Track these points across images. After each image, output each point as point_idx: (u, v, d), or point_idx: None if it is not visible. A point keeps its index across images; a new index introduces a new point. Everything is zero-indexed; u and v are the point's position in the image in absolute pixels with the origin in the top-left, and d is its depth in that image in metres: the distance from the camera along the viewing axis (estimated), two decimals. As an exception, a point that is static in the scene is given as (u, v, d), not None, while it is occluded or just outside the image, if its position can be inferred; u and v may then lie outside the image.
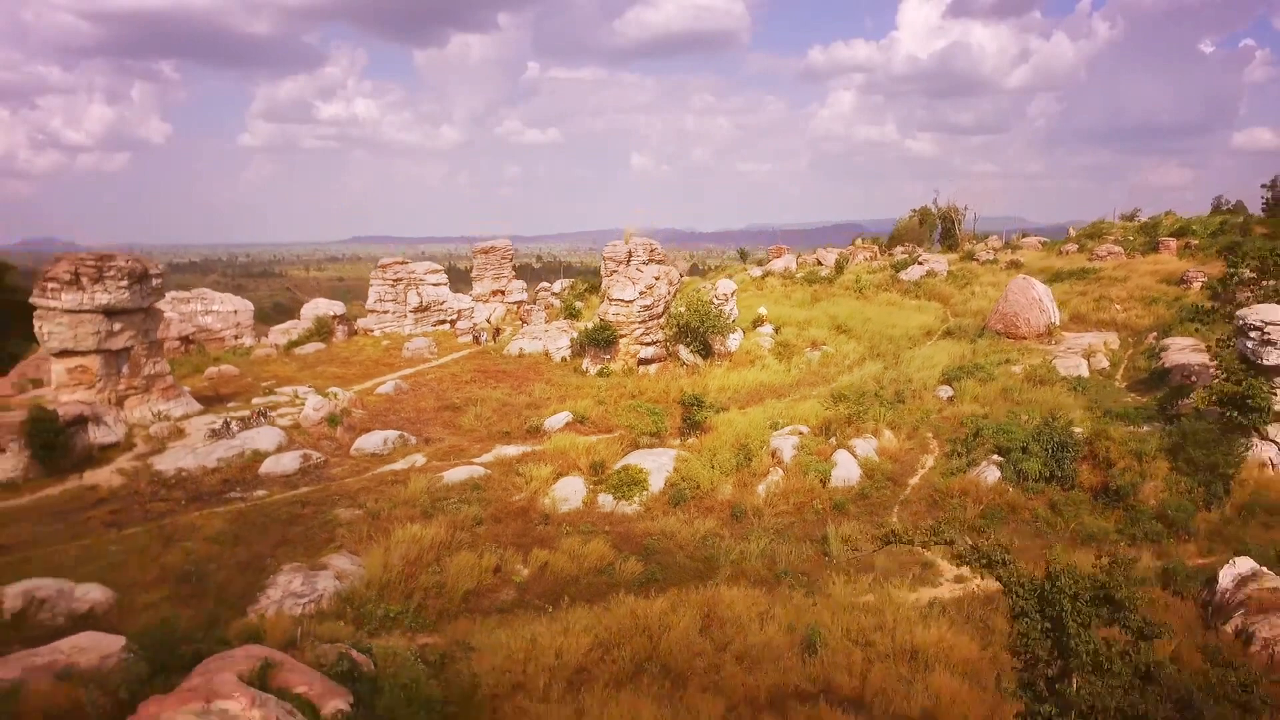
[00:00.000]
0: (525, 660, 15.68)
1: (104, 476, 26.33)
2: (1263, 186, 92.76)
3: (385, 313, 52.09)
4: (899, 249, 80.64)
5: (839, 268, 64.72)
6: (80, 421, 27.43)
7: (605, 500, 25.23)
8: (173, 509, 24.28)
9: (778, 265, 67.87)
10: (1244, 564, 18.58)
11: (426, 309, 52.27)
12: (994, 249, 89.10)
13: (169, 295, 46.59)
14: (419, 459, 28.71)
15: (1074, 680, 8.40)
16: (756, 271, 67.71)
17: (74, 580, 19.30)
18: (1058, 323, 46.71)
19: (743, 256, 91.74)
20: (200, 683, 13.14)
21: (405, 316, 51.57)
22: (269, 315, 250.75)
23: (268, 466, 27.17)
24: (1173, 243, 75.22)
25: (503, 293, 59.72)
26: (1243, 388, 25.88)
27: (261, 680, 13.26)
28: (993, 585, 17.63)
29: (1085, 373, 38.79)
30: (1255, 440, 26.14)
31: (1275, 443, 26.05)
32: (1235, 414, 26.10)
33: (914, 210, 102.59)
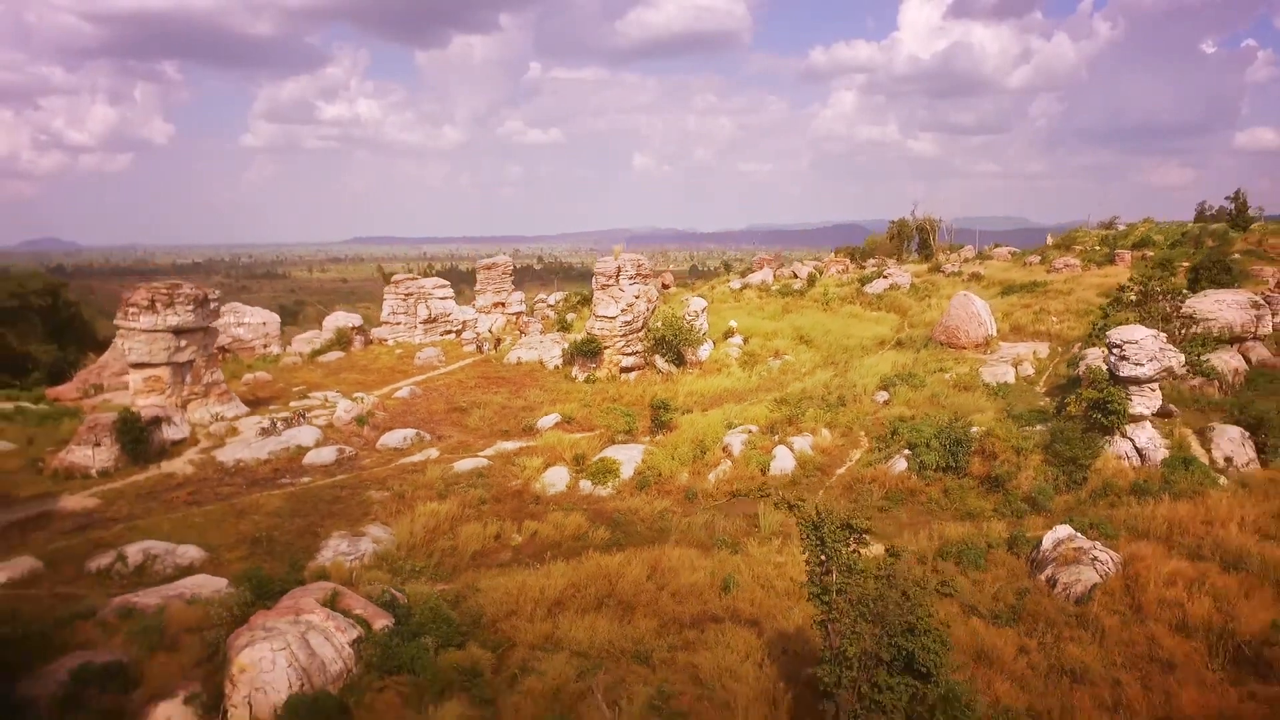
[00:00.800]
0: (517, 596, 21.58)
1: (178, 466, 32.33)
2: (1227, 199, 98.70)
3: (398, 324, 58.06)
4: (871, 261, 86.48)
5: (810, 281, 70.69)
6: (155, 422, 33.42)
7: (585, 485, 31.19)
8: (237, 491, 30.27)
9: (755, 278, 73.86)
10: (1062, 530, 24.44)
11: (435, 321, 58.27)
12: (964, 260, 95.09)
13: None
14: (433, 453, 34.71)
15: (834, 574, 14.23)
16: (736, 284, 73.73)
17: (174, 543, 25.33)
18: (995, 334, 52.61)
19: (727, 268, 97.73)
20: (290, 603, 19.40)
21: (416, 328, 57.58)
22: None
23: (309, 458, 33.18)
24: (1128, 255, 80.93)
25: (503, 305, 65.69)
26: (1104, 394, 31.82)
27: (331, 603, 19.47)
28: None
29: (1011, 379, 44.63)
30: (1116, 438, 32.06)
31: (1131, 440, 31.96)
32: (1099, 416, 32.04)
33: (893, 221, 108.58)
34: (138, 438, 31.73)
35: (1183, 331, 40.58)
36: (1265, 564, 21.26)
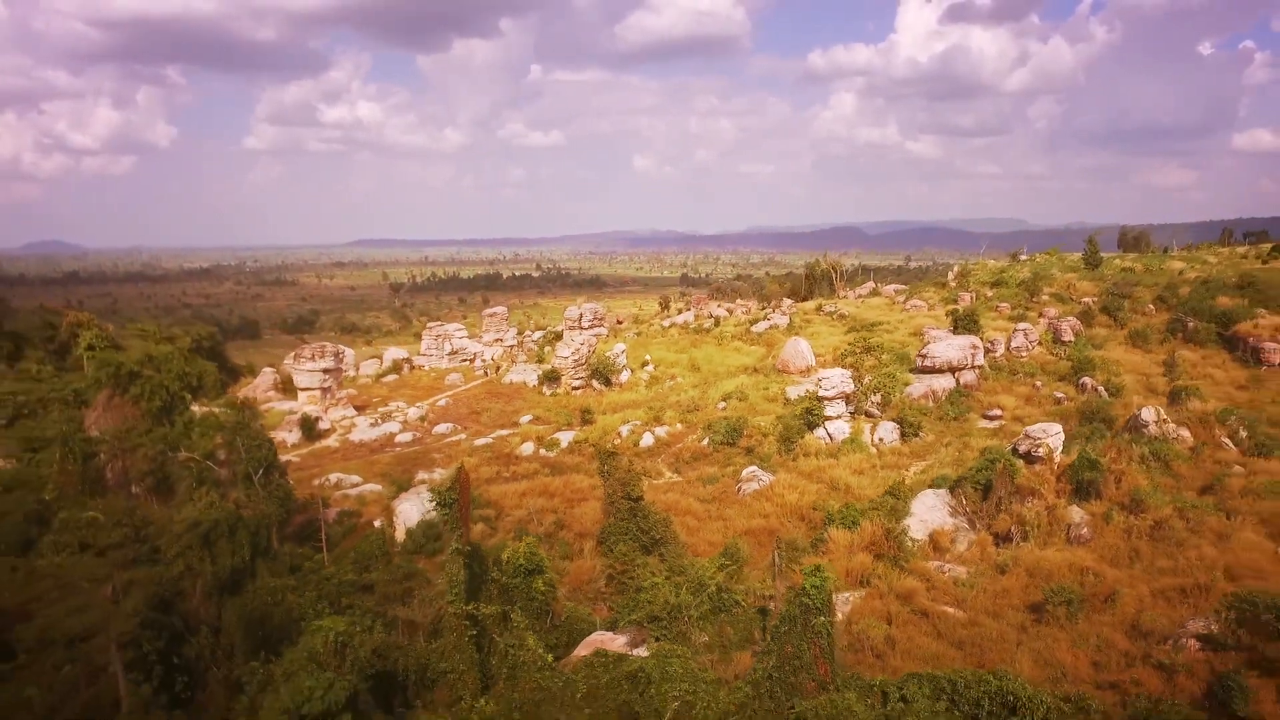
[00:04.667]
0: (506, 492, 51.30)
1: (330, 443, 62.00)
2: (1087, 242, 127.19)
3: (430, 355, 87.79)
4: (772, 302, 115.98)
5: (717, 321, 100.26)
6: (314, 419, 63.08)
7: (543, 451, 60.83)
8: (365, 455, 59.83)
9: (680, 319, 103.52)
10: (747, 470, 54.07)
11: (456, 353, 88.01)
12: (859, 297, 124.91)
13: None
14: (463, 436, 64.43)
15: (610, 482, 43.65)
16: (666, 323, 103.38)
17: (345, 474, 54.99)
18: (815, 364, 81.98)
19: (664, 306, 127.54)
20: (408, 493, 49.46)
21: (443, 358, 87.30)
22: (294, 327, 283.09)
23: (399, 439, 62.86)
24: (969, 296, 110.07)
25: (501, 340, 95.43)
26: (810, 405, 61.51)
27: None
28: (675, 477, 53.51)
29: (818, 389, 73.96)
30: (819, 428, 61.68)
31: (826, 429, 61.54)
32: (810, 416, 61.65)
33: (806, 264, 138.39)
34: (310, 428, 61.40)
35: (882, 370, 70.23)
36: (835, 482, 51.12)
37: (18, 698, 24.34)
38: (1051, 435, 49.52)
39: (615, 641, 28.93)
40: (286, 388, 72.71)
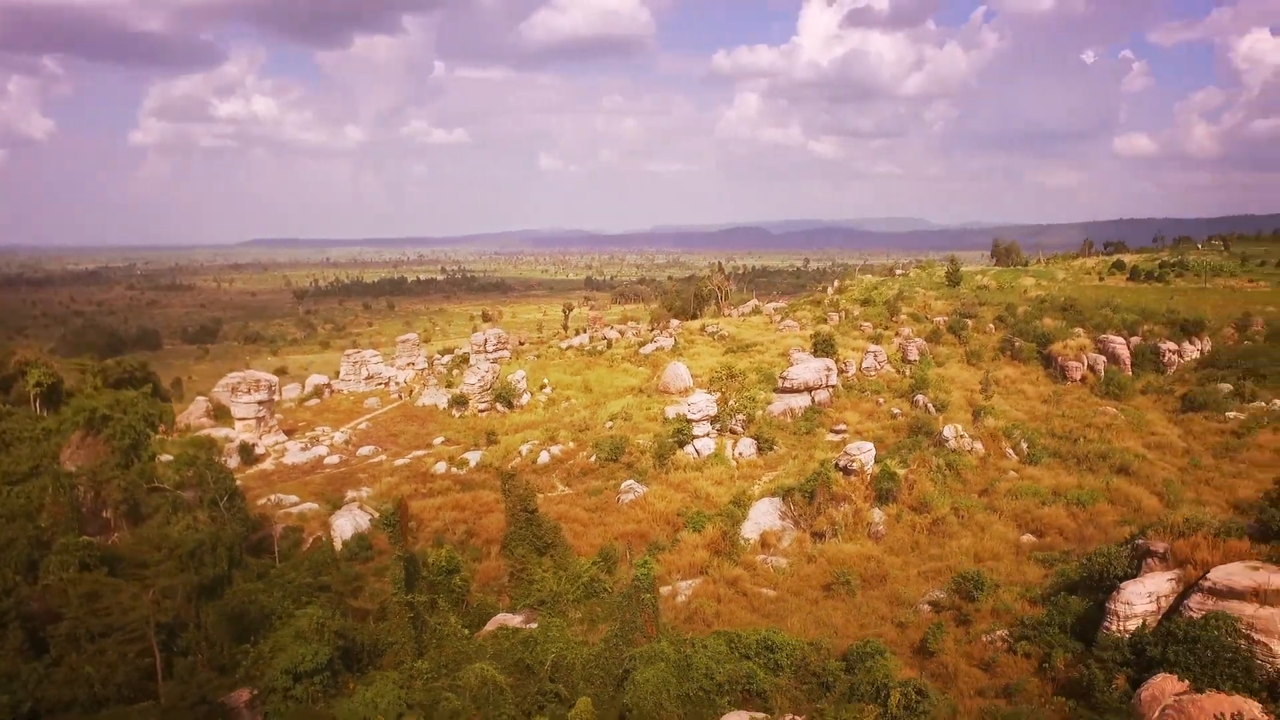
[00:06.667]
0: (422, 506, 61.52)
1: (267, 466, 70.98)
2: (948, 260, 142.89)
3: (349, 380, 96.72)
4: (659, 324, 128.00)
5: (609, 344, 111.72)
6: (251, 445, 71.88)
7: (454, 470, 71.10)
8: (298, 476, 69.08)
9: (576, 341, 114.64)
10: (625, 484, 65.59)
11: (372, 377, 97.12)
12: (741, 315, 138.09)
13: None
14: (383, 457, 74.17)
15: (510, 496, 54.34)
16: (564, 344, 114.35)
17: (284, 494, 64.29)
18: (692, 385, 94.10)
19: (565, 326, 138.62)
20: (343, 508, 59.59)
21: (361, 382, 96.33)
22: (195, 337, 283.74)
23: (327, 461, 72.24)
24: (836, 316, 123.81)
25: (413, 364, 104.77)
26: (680, 425, 73.38)
27: (358, 507, 59.74)
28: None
29: (686, 411, 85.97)
30: (689, 445, 73.56)
31: (694, 446, 73.45)
32: (681, 434, 73.48)
33: (697, 278, 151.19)
34: (248, 453, 70.26)
35: (745, 393, 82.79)
36: (698, 492, 63.05)
37: (78, 674, 33.85)
38: (864, 453, 62.49)
39: (513, 620, 39.90)
40: (218, 414, 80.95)
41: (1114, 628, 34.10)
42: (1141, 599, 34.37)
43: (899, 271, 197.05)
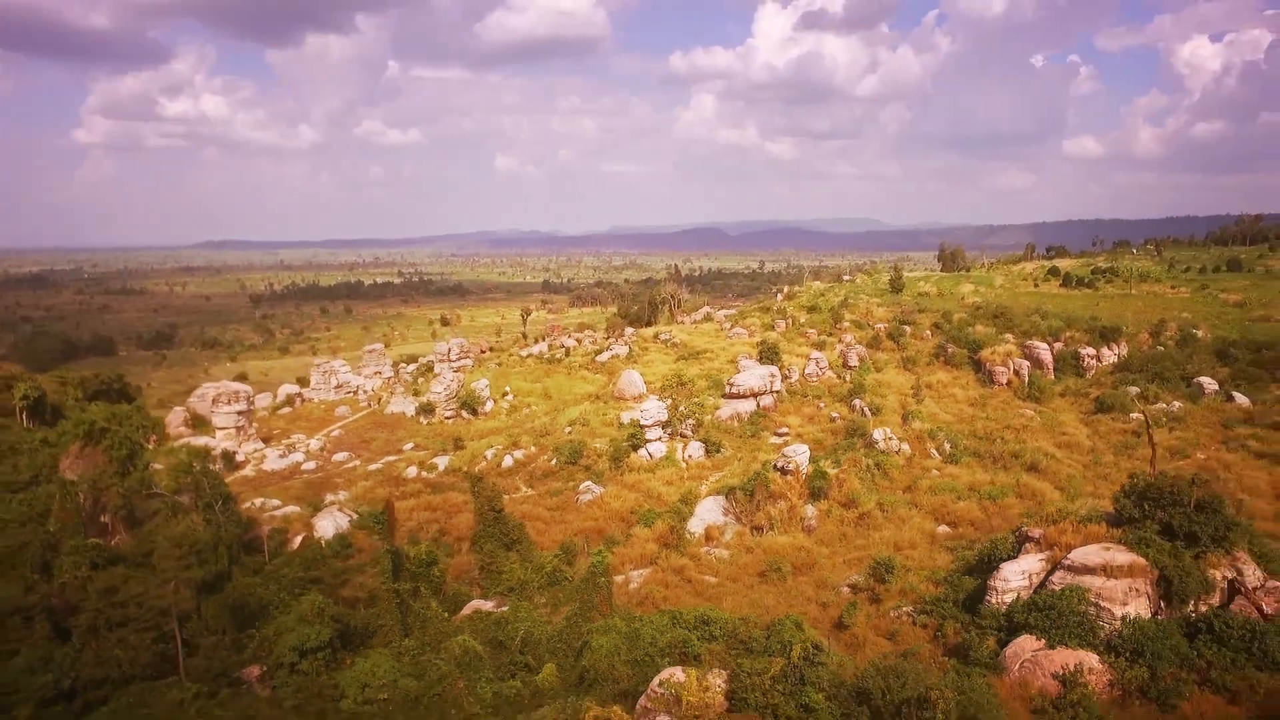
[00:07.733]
0: (399, 507, 66.86)
1: (248, 473, 75.72)
2: (892, 268, 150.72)
3: (319, 389, 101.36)
4: (615, 332, 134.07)
5: (568, 352, 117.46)
6: (232, 453, 76.58)
7: (424, 474, 76.44)
8: (279, 481, 73.94)
9: (536, 349, 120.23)
10: (584, 485, 71.54)
11: (341, 386, 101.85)
12: (694, 321, 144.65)
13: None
14: (357, 463, 79.25)
15: (478, 498, 59.91)
16: (524, 353, 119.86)
17: (268, 498, 69.21)
18: (646, 392, 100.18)
19: (524, 334, 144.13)
20: (325, 509, 64.91)
21: (331, 391, 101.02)
22: (151, 343, 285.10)
23: (304, 467, 77.16)
24: (783, 324, 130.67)
25: (380, 372, 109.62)
26: (633, 431, 79.43)
27: (339, 510, 65.04)
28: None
29: (640, 417, 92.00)
30: (642, 448, 79.65)
31: (647, 449, 79.60)
32: (635, 438, 79.57)
33: (651, 280, 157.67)
34: (230, 460, 74.95)
35: (693, 399, 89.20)
36: (650, 491, 69.19)
37: (105, 656, 39.00)
38: (800, 454, 69.07)
39: (486, 605, 45.70)
40: (195, 424, 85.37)
41: (994, 600, 40.78)
42: (1016, 576, 41.12)
43: (846, 278, 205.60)
